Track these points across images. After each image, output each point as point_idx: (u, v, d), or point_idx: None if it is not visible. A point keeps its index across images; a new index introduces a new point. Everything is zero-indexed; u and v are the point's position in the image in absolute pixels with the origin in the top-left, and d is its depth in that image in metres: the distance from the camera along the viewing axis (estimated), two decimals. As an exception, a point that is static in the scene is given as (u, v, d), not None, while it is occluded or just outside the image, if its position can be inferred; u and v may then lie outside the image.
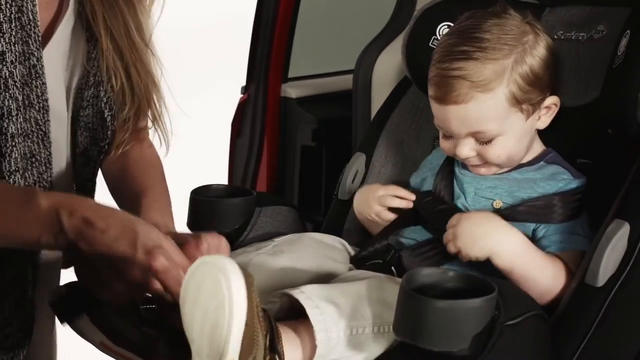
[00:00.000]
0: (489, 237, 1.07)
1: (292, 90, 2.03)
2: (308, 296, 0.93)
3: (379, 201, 1.25)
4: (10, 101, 1.02)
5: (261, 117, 1.98)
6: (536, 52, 1.15)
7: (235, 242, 1.24)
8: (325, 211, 1.50)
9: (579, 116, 1.22)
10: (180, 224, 1.28)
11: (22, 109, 1.04)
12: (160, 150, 1.28)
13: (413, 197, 1.23)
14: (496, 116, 1.12)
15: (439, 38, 1.35)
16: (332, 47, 2.58)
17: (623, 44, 1.13)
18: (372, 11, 2.27)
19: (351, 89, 1.86)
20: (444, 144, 1.19)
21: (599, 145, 1.22)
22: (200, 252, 0.97)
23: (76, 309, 0.99)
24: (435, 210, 1.19)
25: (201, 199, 1.27)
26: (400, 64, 1.44)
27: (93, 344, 0.98)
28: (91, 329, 0.96)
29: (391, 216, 1.24)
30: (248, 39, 2.03)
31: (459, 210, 1.17)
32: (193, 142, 1.48)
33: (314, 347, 0.91)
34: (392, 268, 1.15)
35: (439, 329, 0.85)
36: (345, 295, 0.96)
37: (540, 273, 1.06)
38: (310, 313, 0.91)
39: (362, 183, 1.41)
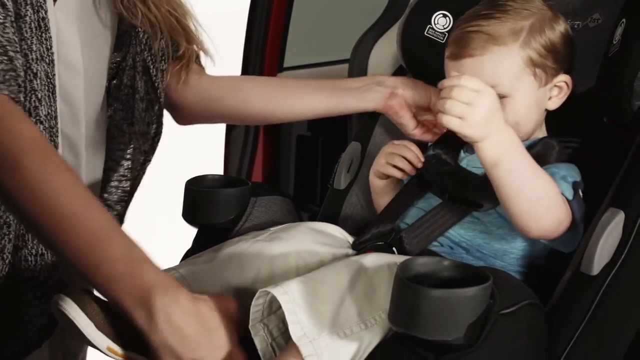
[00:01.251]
0: (495, 121, 1.02)
1: (287, 80, 2.02)
2: (292, 308, 0.93)
3: (387, 158, 1.23)
4: (38, 46, 1.02)
5: (257, 107, 1.98)
6: (557, 27, 1.17)
7: (231, 232, 1.24)
8: (321, 200, 1.49)
9: (574, 105, 1.22)
10: (177, 215, 1.28)
11: (34, 62, 1.03)
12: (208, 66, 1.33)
13: (420, 162, 1.21)
14: (509, 72, 1.13)
15: (434, 27, 1.35)
16: (328, 36, 2.57)
17: (619, 32, 1.13)
18: (368, 0, 2.26)
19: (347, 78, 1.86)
20: None
21: (594, 134, 1.22)
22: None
23: None
24: (440, 171, 1.19)
25: (196, 189, 1.27)
26: (396, 53, 1.43)
27: (99, 349, 0.98)
28: (96, 334, 0.96)
29: (394, 172, 1.22)
30: (243, 28, 2.02)
31: (463, 170, 1.17)
32: (188, 133, 1.48)
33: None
34: (394, 249, 1.15)
35: (434, 318, 0.85)
36: (329, 298, 0.96)
37: (529, 176, 1.02)
38: (292, 330, 0.92)
39: (357, 172, 1.41)
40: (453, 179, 1.17)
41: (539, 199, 1.03)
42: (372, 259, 1.03)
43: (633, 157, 1.08)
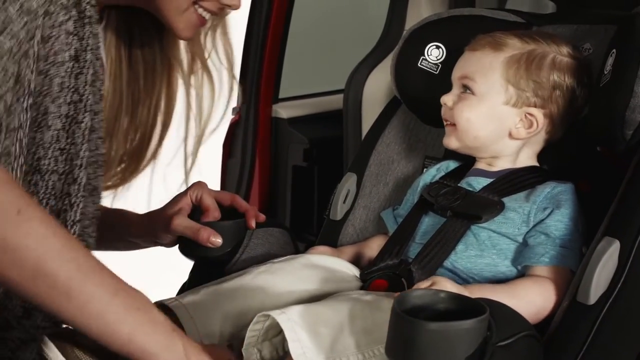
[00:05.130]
0: None
1: (283, 111, 2.03)
2: (291, 326, 0.93)
3: None
4: (85, 152, 1.02)
5: (252, 137, 1.99)
6: (555, 72, 1.20)
7: (228, 265, 1.24)
8: (317, 231, 1.50)
9: (568, 134, 1.23)
10: (172, 248, 1.28)
11: (77, 168, 1.03)
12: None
13: None
14: (486, 73, 1.20)
15: (428, 58, 1.37)
16: (323, 67, 2.59)
17: (609, 62, 1.14)
18: (362, 31, 2.28)
19: (342, 108, 1.87)
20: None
21: (588, 163, 1.22)
22: None
23: None
24: (440, 193, 1.22)
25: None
26: (390, 83, 1.44)
27: None
28: None
29: None
30: (238, 59, 2.04)
31: (462, 188, 1.20)
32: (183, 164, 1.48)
33: None
34: (403, 280, 1.15)
35: (431, 351, 0.85)
36: (328, 323, 0.96)
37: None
38: (292, 347, 0.92)
39: (353, 203, 1.42)
40: (453, 196, 1.20)
41: (529, 313, 1.03)
42: (372, 297, 1.03)
43: (627, 186, 1.09)
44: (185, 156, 1.25)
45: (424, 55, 1.37)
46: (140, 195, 1.30)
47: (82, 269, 0.88)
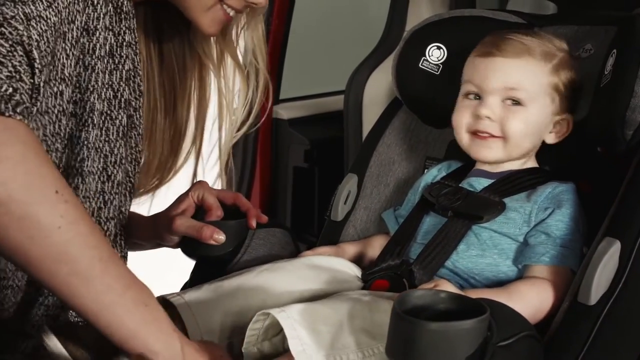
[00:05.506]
0: None
1: (283, 112, 2.03)
2: (291, 324, 0.93)
3: None
4: (120, 150, 1.02)
5: (253, 138, 1.99)
6: (575, 70, 1.21)
7: (229, 265, 1.24)
8: (318, 231, 1.50)
9: (569, 135, 1.23)
10: (174, 249, 1.28)
11: (111, 165, 1.03)
12: None
13: None
14: (534, 83, 1.17)
15: (429, 59, 1.37)
16: (323, 68, 2.59)
17: (610, 63, 1.14)
18: (362, 32, 2.28)
19: (342, 109, 1.87)
20: (462, 109, 1.20)
21: (589, 164, 1.23)
22: None
23: None
24: (441, 193, 1.22)
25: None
26: (391, 84, 1.45)
27: None
28: None
29: None
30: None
31: (463, 189, 1.20)
32: (185, 165, 1.48)
33: None
34: (404, 280, 1.15)
35: (431, 351, 0.85)
36: (328, 321, 0.96)
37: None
38: (292, 344, 0.92)
39: (354, 204, 1.42)
40: (454, 196, 1.20)
41: (530, 314, 1.03)
42: (372, 297, 1.04)
43: (627, 186, 1.09)
44: (220, 151, 1.24)
45: (425, 56, 1.37)
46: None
47: (103, 258, 0.86)
